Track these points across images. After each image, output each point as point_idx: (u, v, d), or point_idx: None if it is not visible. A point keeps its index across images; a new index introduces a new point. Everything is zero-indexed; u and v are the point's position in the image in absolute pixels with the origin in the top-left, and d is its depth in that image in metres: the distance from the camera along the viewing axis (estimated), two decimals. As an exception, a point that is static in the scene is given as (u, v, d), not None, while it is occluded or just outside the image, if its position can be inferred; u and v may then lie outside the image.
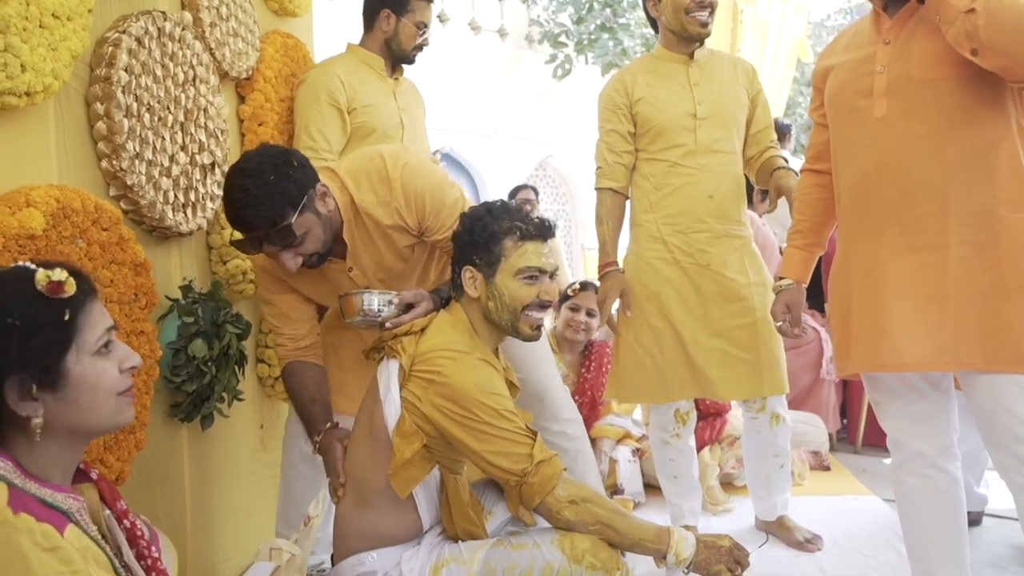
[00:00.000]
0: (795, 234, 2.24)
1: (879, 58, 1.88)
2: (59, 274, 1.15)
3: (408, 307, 2.02)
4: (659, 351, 2.67)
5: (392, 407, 1.79)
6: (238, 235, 1.99)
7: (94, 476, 1.31)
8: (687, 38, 2.65)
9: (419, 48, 2.90)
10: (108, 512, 1.27)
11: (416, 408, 1.76)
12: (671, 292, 2.65)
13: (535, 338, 1.94)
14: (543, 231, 1.91)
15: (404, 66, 2.94)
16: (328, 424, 2.09)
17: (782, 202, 2.76)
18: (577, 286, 3.72)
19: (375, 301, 1.97)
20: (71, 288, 1.16)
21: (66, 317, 1.16)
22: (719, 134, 2.65)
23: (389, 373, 1.83)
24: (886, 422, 2.04)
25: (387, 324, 1.98)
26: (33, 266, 1.17)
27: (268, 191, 1.86)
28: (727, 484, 3.41)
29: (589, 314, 3.59)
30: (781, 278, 2.26)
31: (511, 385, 1.94)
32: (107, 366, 1.21)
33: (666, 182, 2.65)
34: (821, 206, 2.18)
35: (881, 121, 1.87)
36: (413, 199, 2.05)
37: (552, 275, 1.93)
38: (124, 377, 1.25)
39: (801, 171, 2.27)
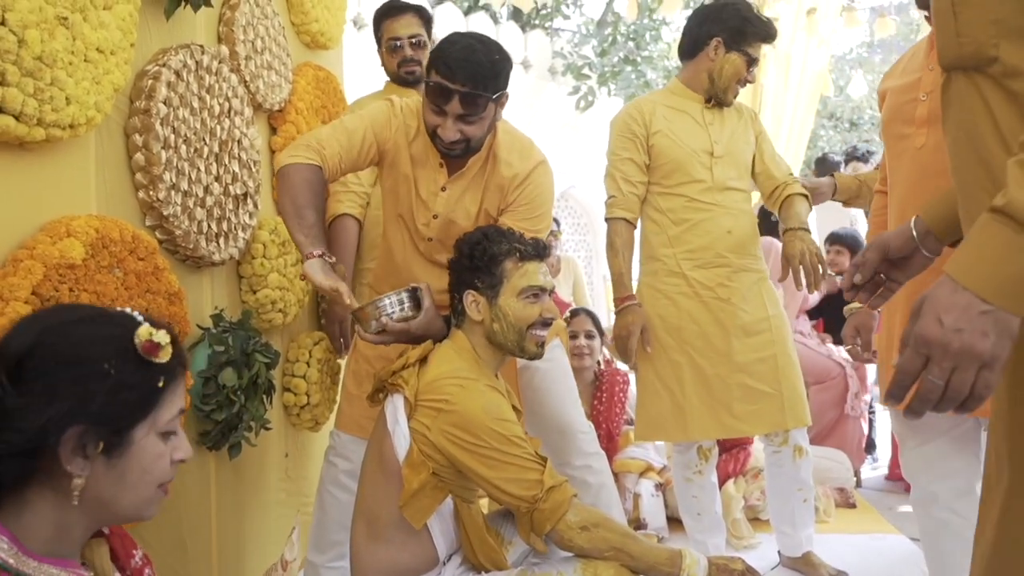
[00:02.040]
0: None
1: (923, 84, 1.86)
2: (162, 336, 1.08)
3: (417, 305, 1.98)
4: (679, 387, 2.66)
5: (401, 439, 1.80)
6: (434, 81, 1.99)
7: (106, 529, 1.20)
8: (719, 100, 2.71)
9: (410, 63, 2.87)
10: (118, 575, 1.18)
11: (425, 438, 1.76)
12: (692, 327, 2.65)
13: (540, 355, 1.96)
14: (540, 251, 1.96)
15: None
16: (319, 251, 1.94)
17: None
18: (568, 315, 3.81)
19: (387, 303, 1.94)
20: (166, 356, 1.09)
21: (159, 384, 1.09)
22: (733, 173, 2.70)
23: (395, 407, 1.84)
24: (902, 457, 2.05)
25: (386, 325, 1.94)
26: (140, 317, 1.10)
27: (495, 61, 1.99)
28: (753, 519, 3.37)
29: (588, 336, 3.64)
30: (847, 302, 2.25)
31: (515, 409, 1.94)
32: (165, 451, 1.12)
33: (685, 217, 2.67)
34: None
35: (920, 151, 1.86)
36: (532, 183, 2.16)
37: (550, 293, 1.98)
38: (172, 468, 1.14)
39: (877, 191, 2.28)
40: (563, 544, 1.74)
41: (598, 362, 3.71)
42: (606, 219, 2.76)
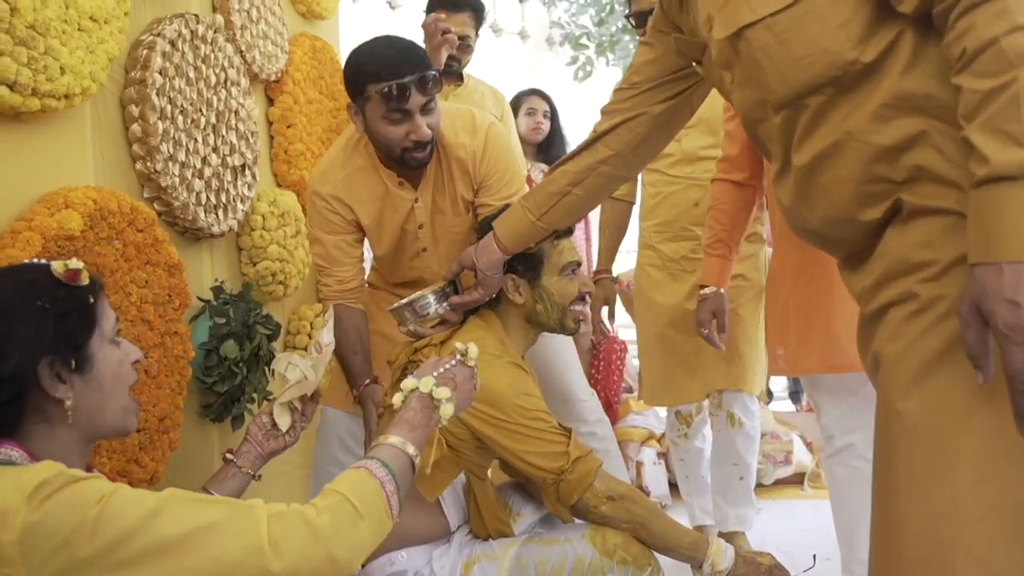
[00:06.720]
0: (716, 243, 2.29)
1: None
2: (75, 263, 1.20)
3: (447, 293, 1.98)
4: (646, 355, 2.77)
5: None
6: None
7: None
8: None
9: (451, 58, 2.90)
10: None
11: None
12: (660, 298, 2.71)
13: (576, 331, 1.98)
14: (570, 227, 1.98)
15: (467, 74, 3.11)
16: (367, 380, 2.12)
17: None
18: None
19: (428, 299, 1.94)
20: (86, 277, 1.21)
21: (90, 300, 1.21)
22: (707, 141, 2.67)
23: None
24: (823, 418, 2.14)
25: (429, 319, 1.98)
26: (41, 261, 1.22)
27: (413, 43, 1.99)
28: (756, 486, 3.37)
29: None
30: (704, 286, 2.28)
31: None
32: (121, 356, 1.25)
33: (658, 191, 2.73)
34: (739, 217, 2.28)
35: None
36: (491, 152, 2.12)
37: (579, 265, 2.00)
38: (133, 371, 1.28)
39: (715, 181, 2.32)
40: (588, 513, 1.73)
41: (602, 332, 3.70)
42: None
